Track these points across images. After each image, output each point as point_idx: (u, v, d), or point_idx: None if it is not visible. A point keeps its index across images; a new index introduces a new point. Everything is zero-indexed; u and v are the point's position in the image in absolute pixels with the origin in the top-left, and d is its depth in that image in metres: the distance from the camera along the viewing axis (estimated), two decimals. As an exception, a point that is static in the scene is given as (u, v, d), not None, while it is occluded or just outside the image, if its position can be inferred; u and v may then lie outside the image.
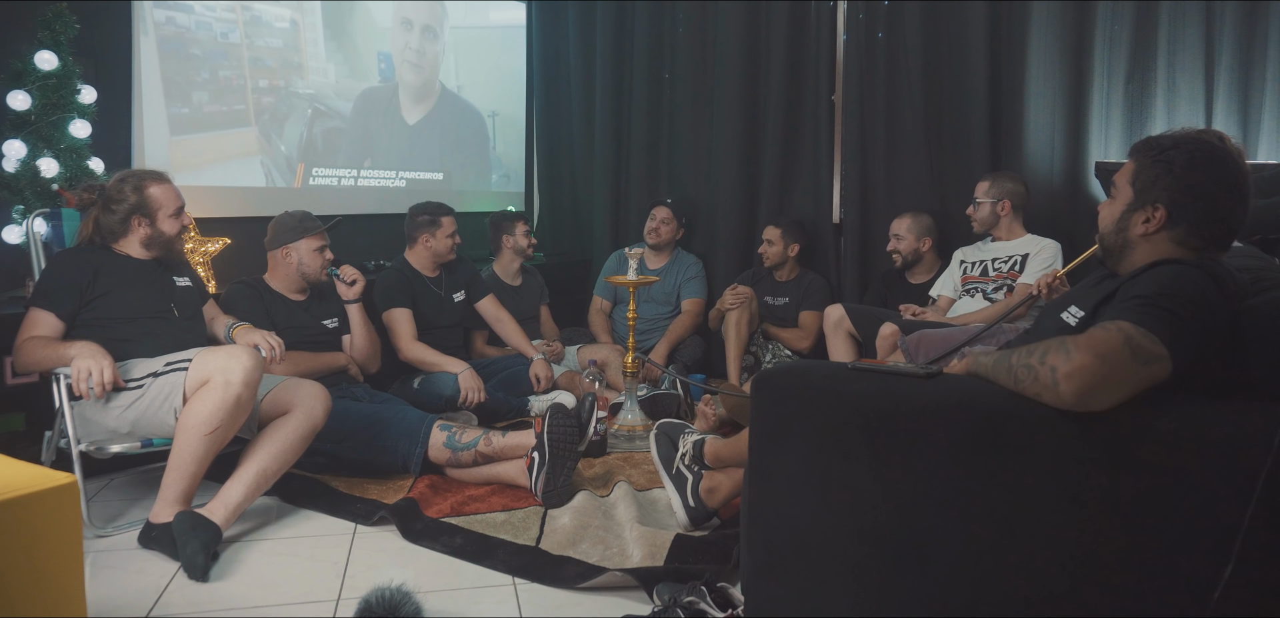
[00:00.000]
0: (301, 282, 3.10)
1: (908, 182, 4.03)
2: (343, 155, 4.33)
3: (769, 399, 1.50)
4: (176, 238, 2.58)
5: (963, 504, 1.34)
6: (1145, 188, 1.54)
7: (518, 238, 4.06)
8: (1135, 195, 1.56)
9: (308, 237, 3.06)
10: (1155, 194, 1.52)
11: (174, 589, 2.04)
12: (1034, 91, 3.70)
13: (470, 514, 2.45)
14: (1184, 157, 1.50)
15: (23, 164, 2.82)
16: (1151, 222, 1.53)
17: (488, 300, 3.74)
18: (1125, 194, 1.58)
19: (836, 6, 4.18)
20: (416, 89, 4.69)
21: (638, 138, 4.79)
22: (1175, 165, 1.51)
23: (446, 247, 3.60)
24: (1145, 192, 1.54)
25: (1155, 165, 1.53)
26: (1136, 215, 1.55)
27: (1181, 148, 1.51)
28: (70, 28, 2.91)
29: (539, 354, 3.64)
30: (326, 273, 3.11)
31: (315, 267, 3.08)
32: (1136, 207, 1.55)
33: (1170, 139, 1.54)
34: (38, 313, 2.36)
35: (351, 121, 4.37)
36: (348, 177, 4.36)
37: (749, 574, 1.54)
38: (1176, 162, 1.51)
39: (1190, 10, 3.45)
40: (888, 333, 3.25)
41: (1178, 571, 1.22)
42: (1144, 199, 1.54)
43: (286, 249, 3.07)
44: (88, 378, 2.17)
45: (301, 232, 3.06)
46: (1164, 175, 1.52)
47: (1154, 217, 1.53)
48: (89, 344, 2.26)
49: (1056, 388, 1.26)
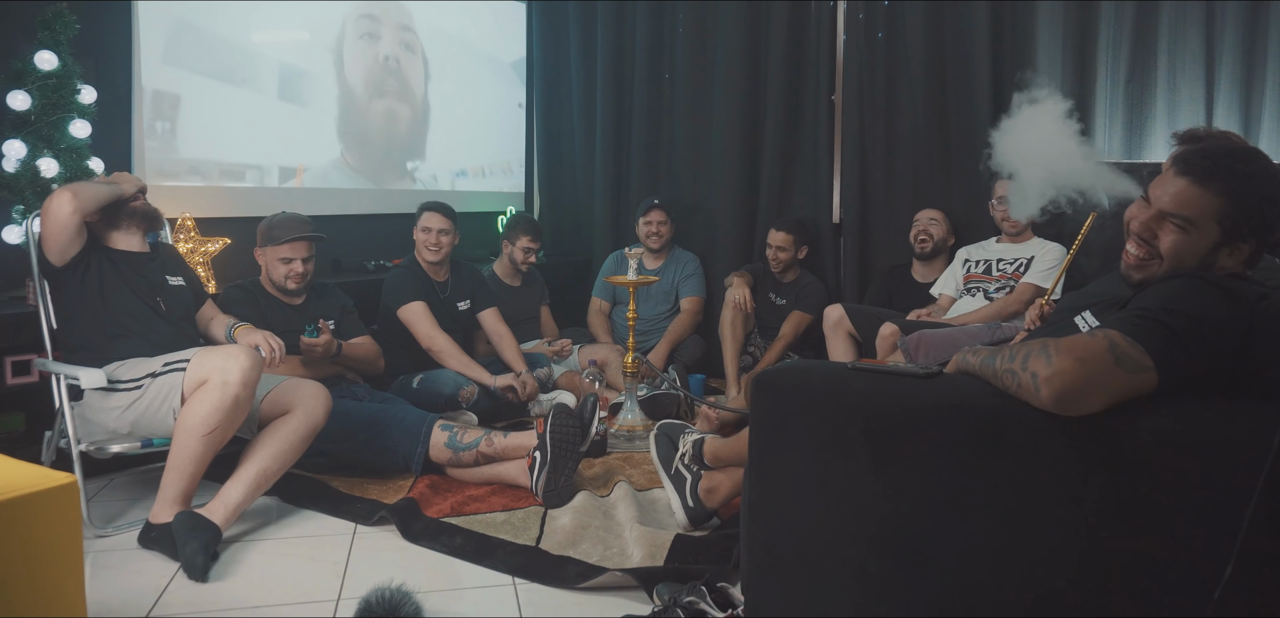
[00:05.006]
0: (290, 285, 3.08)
1: (908, 182, 4.03)
2: (343, 156, 4.33)
3: (769, 399, 1.50)
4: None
5: (963, 504, 1.34)
6: (1237, 227, 1.41)
7: (516, 249, 4.05)
8: (1223, 234, 1.41)
9: (273, 245, 3.00)
10: (1248, 232, 1.41)
11: (174, 589, 2.04)
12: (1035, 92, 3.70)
13: (470, 514, 2.45)
14: (1271, 190, 1.40)
15: (23, 164, 2.82)
16: (1238, 254, 1.43)
17: (491, 313, 3.69)
18: (1210, 232, 1.42)
19: (836, 6, 4.18)
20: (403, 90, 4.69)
21: (638, 138, 4.79)
22: (1269, 201, 1.40)
23: (423, 241, 3.55)
24: (1238, 231, 1.41)
25: (1253, 204, 1.40)
26: (1223, 251, 1.43)
27: (1268, 180, 1.40)
28: (70, 28, 2.90)
29: (525, 372, 3.50)
30: (305, 332, 2.98)
31: (279, 276, 3.01)
32: (1224, 243, 1.42)
33: (1243, 163, 1.41)
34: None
35: (352, 121, 4.37)
36: (348, 177, 4.36)
37: (749, 574, 1.54)
38: (1266, 196, 1.40)
39: (1191, 10, 3.45)
40: (888, 333, 3.25)
41: (1178, 571, 1.22)
42: (1234, 237, 1.42)
43: (260, 254, 3.06)
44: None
45: (268, 239, 3.01)
46: (1261, 213, 1.40)
47: (1241, 250, 1.43)
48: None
49: (1037, 392, 1.25)
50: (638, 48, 4.75)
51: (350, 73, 4.31)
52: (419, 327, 3.41)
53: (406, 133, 4.69)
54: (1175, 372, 1.27)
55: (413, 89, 4.69)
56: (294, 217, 3.05)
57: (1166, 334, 1.28)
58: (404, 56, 4.62)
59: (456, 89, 4.94)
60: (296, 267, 3.00)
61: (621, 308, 4.30)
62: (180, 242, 3.31)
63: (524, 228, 4.08)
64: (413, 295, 3.46)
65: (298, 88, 4.09)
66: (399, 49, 4.58)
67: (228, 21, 3.72)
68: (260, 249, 3.06)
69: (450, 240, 3.60)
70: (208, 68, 3.69)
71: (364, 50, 4.40)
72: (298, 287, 3.05)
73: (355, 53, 4.35)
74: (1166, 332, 1.28)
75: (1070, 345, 1.26)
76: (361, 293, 3.57)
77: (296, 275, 3.01)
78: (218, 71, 3.73)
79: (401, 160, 4.66)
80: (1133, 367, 1.25)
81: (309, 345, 2.95)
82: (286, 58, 4.04)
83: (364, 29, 4.39)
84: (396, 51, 4.56)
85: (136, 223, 2.57)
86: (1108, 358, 1.25)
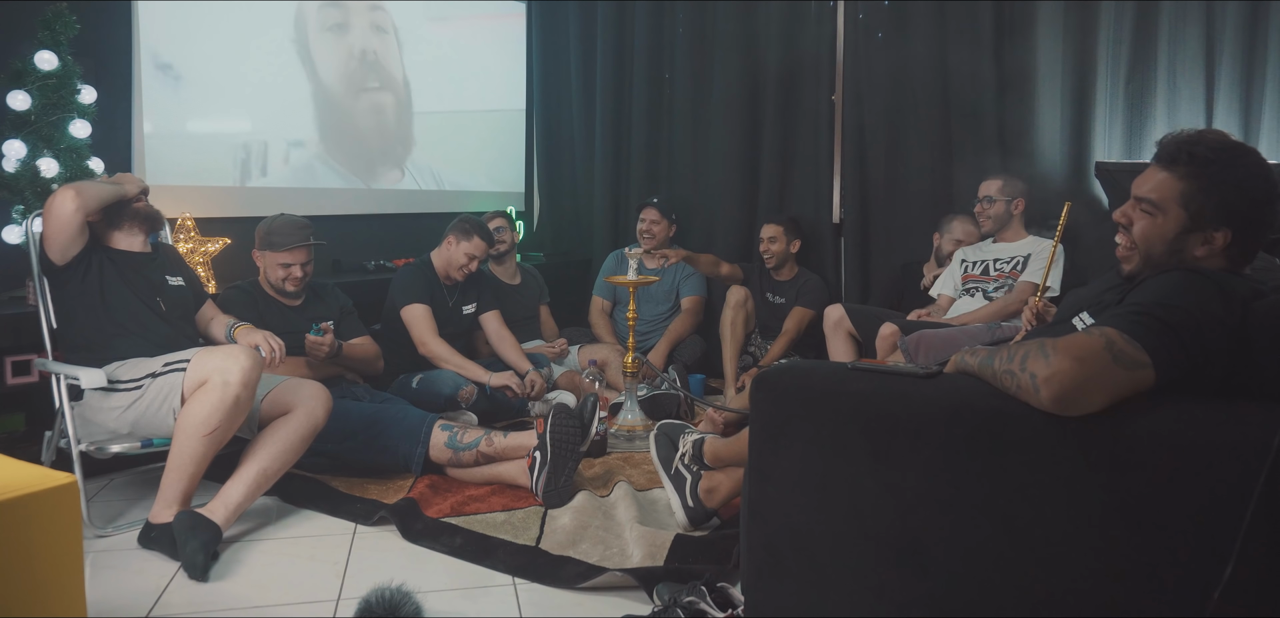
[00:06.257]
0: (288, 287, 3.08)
1: (908, 182, 4.03)
2: (343, 156, 4.33)
3: (769, 399, 1.50)
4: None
5: (963, 504, 1.34)
6: (1203, 211, 1.43)
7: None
8: (1189, 218, 1.44)
9: (271, 250, 3.01)
10: (1217, 217, 1.43)
11: (174, 589, 2.04)
12: (1036, 92, 3.70)
13: (470, 514, 2.45)
14: (1239, 176, 1.43)
15: (23, 164, 2.82)
16: (1213, 243, 1.44)
17: (493, 316, 3.68)
18: (1176, 216, 1.46)
19: (836, 6, 4.18)
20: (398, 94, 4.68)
21: (638, 138, 4.79)
22: (1243, 186, 1.42)
23: (458, 263, 3.53)
24: (1203, 215, 1.43)
25: (1215, 188, 1.42)
26: (1193, 238, 1.45)
27: (1234, 166, 1.43)
28: (70, 28, 2.90)
29: (531, 370, 3.49)
30: (311, 330, 2.99)
31: (277, 280, 3.02)
32: (1193, 229, 1.45)
33: (1209, 150, 1.45)
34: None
35: (352, 122, 4.37)
36: (347, 177, 4.36)
37: (749, 574, 1.54)
38: (1240, 182, 1.42)
39: (1191, 10, 3.45)
40: (887, 333, 3.25)
41: (1178, 571, 1.22)
42: (1202, 223, 1.44)
43: (259, 257, 3.06)
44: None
45: (267, 244, 3.01)
46: (1226, 200, 1.42)
47: (1215, 238, 1.44)
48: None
49: (1036, 393, 1.26)
50: (637, 48, 4.75)
51: (324, 72, 4.24)
52: (417, 330, 3.41)
53: (406, 134, 4.68)
54: (1172, 368, 1.28)
55: (393, 76, 4.60)
56: (292, 221, 3.03)
57: (1163, 330, 1.28)
58: (377, 42, 4.50)
59: (456, 88, 4.94)
60: (295, 272, 3.01)
61: (621, 308, 4.30)
62: (180, 242, 3.32)
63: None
64: (418, 297, 3.45)
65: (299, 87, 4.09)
66: (371, 37, 4.47)
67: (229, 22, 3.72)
68: (259, 252, 3.06)
69: (479, 262, 3.60)
70: (208, 67, 3.69)
71: (365, 48, 4.39)
72: (296, 290, 3.05)
73: (356, 51, 4.34)
74: (1163, 327, 1.29)
75: (1068, 345, 1.26)
76: (361, 293, 3.57)
77: (295, 279, 3.02)
78: (218, 71, 3.73)
79: (401, 162, 4.66)
80: (1130, 364, 1.26)
81: (314, 344, 2.95)
82: (287, 56, 4.04)
83: (331, 20, 4.26)
84: (371, 42, 4.46)
85: (138, 224, 2.57)
86: (1105, 356, 1.25)
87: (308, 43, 4.14)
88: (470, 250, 3.53)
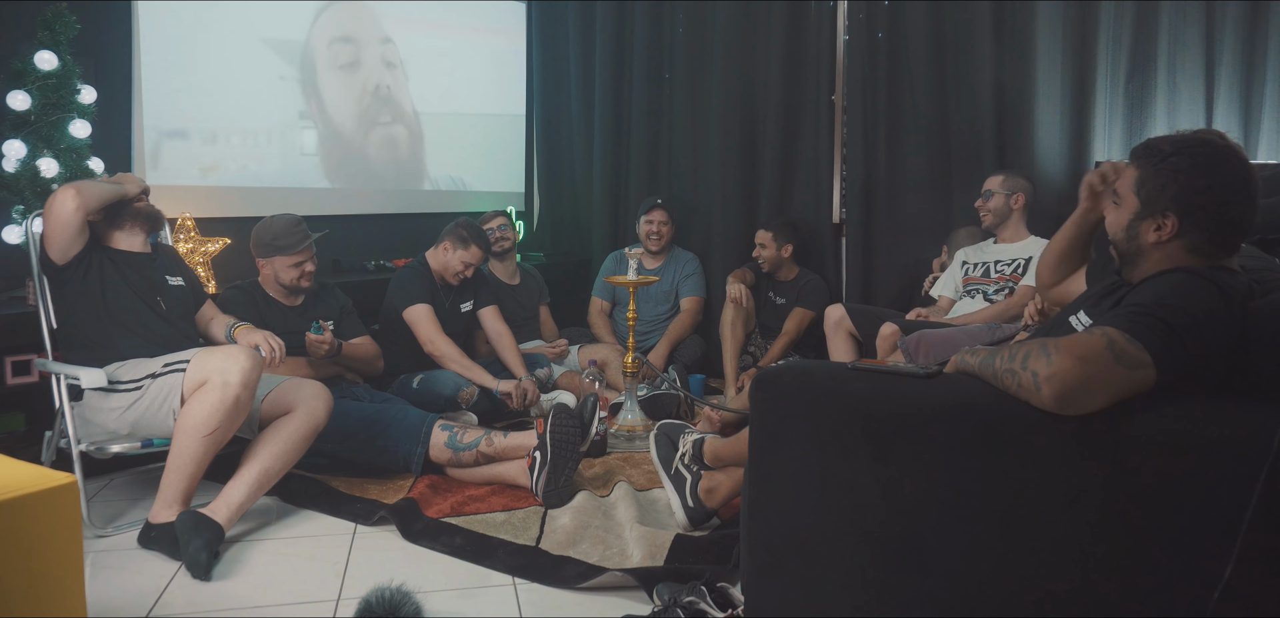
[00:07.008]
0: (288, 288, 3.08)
1: (908, 182, 4.03)
2: (343, 156, 4.33)
3: (769, 399, 1.50)
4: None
5: (963, 504, 1.34)
6: (1152, 197, 1.49)
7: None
8: (1141, 204, 1.51)
9: (281, 255, 2.99)
10: (1163, 203, 1.48)
11: (174, 589, 2.04)
12: (1036, 92, 3.70)
13: (470, 514, 2.45)
14: (1187, 162, 1.47)
15: (23, 164, 2.82)
16: (1163, 230, 1.48)
17: (490, 312, 3.66)
18: (1131, 202, 1.53)
19: (836, 6, 4.18)
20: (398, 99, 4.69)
21: (637, 138, 4.78)
22: (1180, 172, 1.46)
23: (454, 269, 3.51)
24: (1152, 201, 1.49)
25: (1160, 173, 1.48)
26: (1146, 224, 1.50)
27: (1184, 153, 1.48)
28: (70, 28, 2.90)
29: (524, 375, 3.47)
30: (312, 329, 2.99)
31: (291, 280, 3.02)
32: (1144, 215, 1.51)
33: (1171, 144, 1.51)
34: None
35: (352, 122, 4.37)
36: (348, 177, 4.36)
37: (749, 574, 1.54)
38: (1181, 168, 1.47)
39: (1191, 10, 3.45)
40: (888, 333, 3.25)
41: (1178, 571, 1.22)
42: (1151, 208, 1.50)
43: (264, 262, 3.06)
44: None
45: (275, 249, 3.00)
46: (1170, 184, 1.47)
47: (1165, 225, 1.48)
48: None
49: (1037, 392, 1.26)
50: (637, 48, 4.75)
51: (351, 72, 4.27)
52: (422, 329, 3.41)
53: (407, 134, 4.69)
54: (1173, 368, 1.28)
55: (402, 106, 4.64)
56: (291, 221, 3.03)
57: (1164, 330, 1.29)
58: (388, 76, 4.54)
59: (455, 89, 4.94)
60: (308, 267, 3.03)
61: (621, 308, 4.30)
62: (180, 242, 3.32)
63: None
64: (419, 297, 3.45)
65: (299, 87, 4.09)
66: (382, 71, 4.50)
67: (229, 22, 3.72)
68: (264, 258, 3.04)
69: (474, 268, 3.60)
70: (209, 67, 3.69)
71: (365, 49, 4.39)
72: (309, 285, 3.06)
73: (355, 53, 4.34)
74: (1164, 327, 1.29)
75: (1070, 344, 1.27)
76: (361, 293, 3.56)
77: (308, 275, 3.04)
78: (218, 70, 3.73)
79: (401, 161, 4.66)
80: (1132, 363, 1.26)
81: (315, 342, 2.95)
82: (288, 57, 4.04)
83: (344, 58, 4.29)
84: (382, 76, 4.48)
85: (139, 224, 2.57)
86: (1107, 356, 1.26)
87: (311, 52, 4.15)
88: (467, 259, 3.52)
